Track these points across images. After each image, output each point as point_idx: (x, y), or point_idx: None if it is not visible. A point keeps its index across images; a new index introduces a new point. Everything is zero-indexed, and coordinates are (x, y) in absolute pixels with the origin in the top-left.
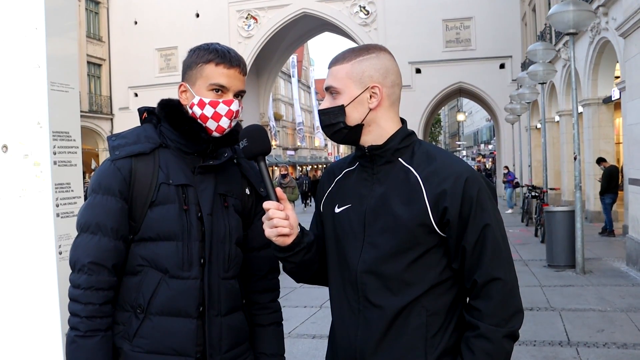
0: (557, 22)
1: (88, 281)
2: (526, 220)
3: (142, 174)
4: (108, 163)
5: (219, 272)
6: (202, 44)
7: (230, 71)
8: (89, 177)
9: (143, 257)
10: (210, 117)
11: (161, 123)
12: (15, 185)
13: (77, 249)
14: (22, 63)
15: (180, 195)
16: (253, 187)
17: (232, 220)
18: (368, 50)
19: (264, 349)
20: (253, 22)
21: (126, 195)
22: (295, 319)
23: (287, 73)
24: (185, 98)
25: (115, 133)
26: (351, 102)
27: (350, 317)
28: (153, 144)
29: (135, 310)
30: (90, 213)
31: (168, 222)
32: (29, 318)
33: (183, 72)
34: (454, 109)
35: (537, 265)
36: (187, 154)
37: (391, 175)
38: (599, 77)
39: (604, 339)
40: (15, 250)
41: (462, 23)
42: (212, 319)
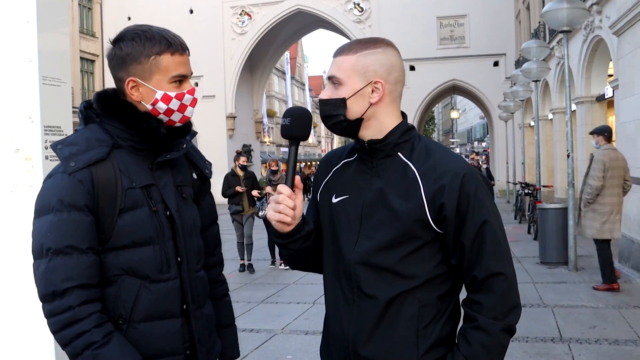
0: (551, 19)
1: (80, 297)
2: (519, 217)
3: (104, 183)
4: (65, 177)
5: (193, 266)
6: (136, 30)
7: (184, 57)
8: None
9: (117, 266)
10: (177, 110)
11: (104, 120)
12: (6, 180)
13: (52, 275)
14: (13, 57)
15: (146, 196)
16: (199, 170)
17: (193, 211)
18: (375, 44)
19: (220, 321)
20: (247, 19)
21: (92, 208)
22: (288, 315)
23: (281, 70)
24: (138, 94)
25: (59, 140)
26: (353, 95)
27: (344, 307)
28: (107, 147)
29: (117, 322)
30: (58, 234)
31: (142, 227)
32: (20, 312)
33: (123, 66)
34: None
35: (530, 262)
36: (141, 151)
37: (390, 170)
38: (593, 75)
39: (596, 335)
40: (7, 245)
41: (457, 20)
42: (195, 313)
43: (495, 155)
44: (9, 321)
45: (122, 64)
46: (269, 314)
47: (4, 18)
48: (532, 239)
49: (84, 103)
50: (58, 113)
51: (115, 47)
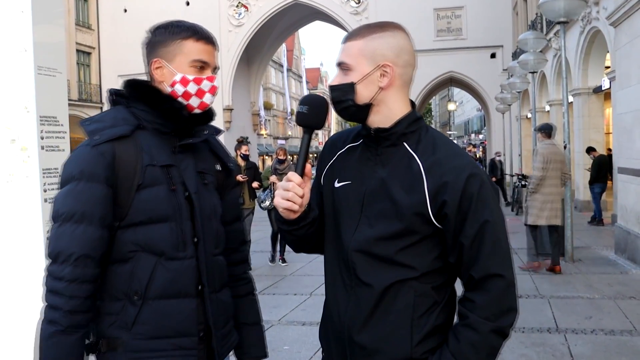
0: (548, 10)
1: (73, 273)
2: (516, 209)
3: (125, 158)
4: (87, 148)
5: (211, 250)
6: (170, 21)
7: (209, 47)
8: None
9: (134, 242)
10: (194, 94)
11: (132, 104)
12: (2, 170)
13: (59, 240)
14: (8, 46)
15: (166, 175)
16: (223, 162)
17: (214, 198)
18: (383, 27)
19: (244, 319)
20: (244, 11)
21: (111, 181)
22: (285, 306)
23: (278, 62)
24: (161, 74)
25: (89, 117)
26: (362, 80)
27: (342, 293)
28: (131, 126)
29: (132, 298)
30: (72, 201)
31: (159, 204)
32: (16, 303)
33: (153, 49)
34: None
35: (526, 254)
36: (164, 134)
37: (394, 160)
38: (590, 67)
39: (591, 326)
40: (3, 235)
41: (454, 12)
42: (210, 296)
43: (492, 147)
44: (5, 308)
45: (152, 48)
46: (266, 305)
47: (0, 8)
48: None
49: (113, 89)
50: (54, 103)
51: (151, 34)
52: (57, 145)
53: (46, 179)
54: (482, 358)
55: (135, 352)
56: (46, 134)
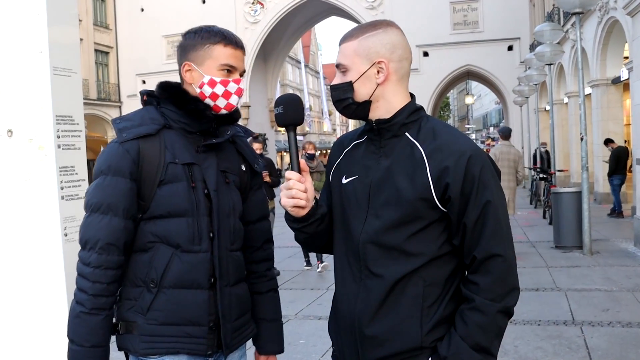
0: (563, 2)
1: (98, 260)
2: (534, 202)
3: (149, 155)
4: (116, 145)
5: (226, 245)
6: (201, 26)
7: (237, 52)
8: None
9: (154, 233)
10: (221, 95)
11: (162, 104)
12: (20, 169)
13: (87, 228)
14: (25, 48)
15: (187, 173)
16: (248, 163)
17: (234, 196)
18: (375, 26)
19: (264, 315)
20: (259, 8)
21: (136, 176)
22: (301, 301)
23: (295, 58)
24: (190, 77)
25: (120, 116)
26: (359, 78)
27: (351, 285)
28: (158, 125)
29: (148, 285)
30: (100, 194)
31: (178, 200)
32: (35, 299)
33: (184, 53)
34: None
35: (544, 247)
36: (190, 134)
37: (397, 149)
38: (608, 57)
39: (608, 318)
40: (22, 233)
41: (470, 5)
42: (223, 289)
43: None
44: (26, 305)
45: (183, 51)
46: (283, 300)
47: (15, 11)
48: (548, 224)
49: (145, 90)
50: (69, 103)
51: (183, 38)
52: (73, 143)
53: (63, 177)
54: (491, 339)
55: (148, 336)
56: (62, 132)
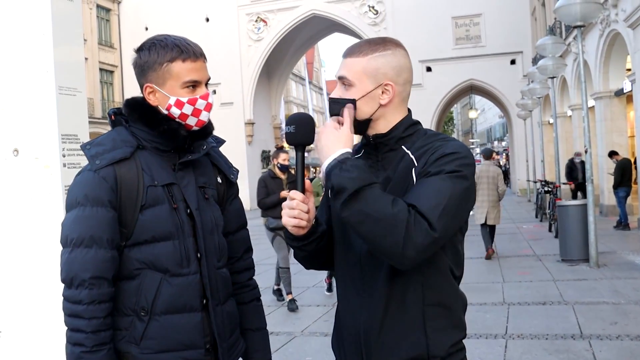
0: (564, 15)
1: (90, 295)
2: (540, 215)
3: (127, 180)
4: (90, 173)
5: (214, 263)
6: (153, 40)
7: (197, 64)
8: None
9: (140, 260)
10: (190, 115)
11: (131, 124)
12: (26, 187)
13: (72, 264)
14: (30, 68)
15: (167, 194)
16: (224, 174)
17: (215, 211)
18: (385, 45)
19: (249, 325)
20: (263, 25)
21: (115, 204)
22: (308, 318)
23: (299, 75)
24: (155, 99)
25: (88, 141)
26: (363, 97)
27: (354, 298)
28: (131, 147)
29: (139, 314)
30: (81, 226)
31: (162, 223)
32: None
33: (143, 73)
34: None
35: (551, 260)
36: (164, 152)
37: (394, 163)
38: (610, 70)
39: (617, 332)
40: (27, 252)
41: (472, 20)
42: (215, 308)
43: (515, 153)
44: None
45: (141, 71)
46: (288, 316)
47: (22, 31)
48: (553, 237)
49: (113, 109)
50: (74, 122)
51: (137, 55)
52: (78, 162)
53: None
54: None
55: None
56: (68, 151)
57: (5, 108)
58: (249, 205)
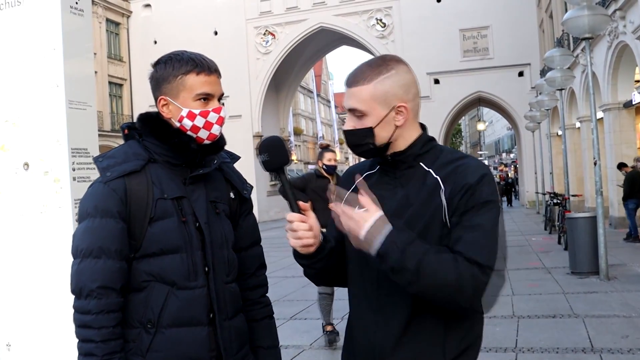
0: (572, 27)
1: (98, 305)
2: (549, 228)
3: (136, 192)
4: (101, 185)
5: (222, 278)
6: (170, 55)
7: (211, 78)
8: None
9: (148, 272)
10: (202, 127)
11: (144, 138)
12: (36, 201)
13: (81, 275)
14: (41, 82)
15: (177, 207)
16: (237, 189)
17: (225, 226)
18: (387, 66)
19: (260, 343)
20: (271, 38)
21: (124, 215)
22: (317, 331)
23: (307, 88)
24: (168, 112)
25: (101, 154)
26: (379, 124)
27: (369, 315)
28: (142, 160)
29: (146, 326)
30: (90, 237)
31: (170, 236)
32: (50, 329)
33: (157, 86)
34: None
35: (560, 273)
36: (175, 166)
37: (413, 179)
38: (619, 82)
39: (628, 345)
40: (38, 265)
41: (479, 32)
42: (222, 323)
43: (523, 165)
44: (39, 332)
45: (156, 84)
46: (297, 330)
47: (33, 46)
48: (563, 249)
49: (126, 123)
50: (84, 135)
51: (154, 69)
52: (88, 176)
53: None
54: (435, 273)
55: None
56: (77, 165)
57: (15, 122)
58: (257, 218)
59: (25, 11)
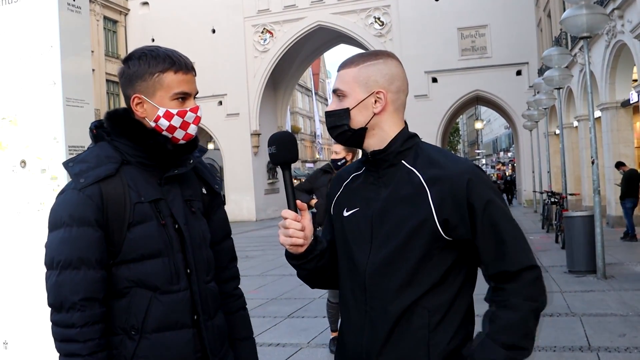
0: (570, 26)
1: (83, 318)
2: (546, 226)
3: (113, 197)
4: (75, 192)
5: (203, 278)
6: (143, 49)
7: (188, 76)
8: None
9: (128, 278)
10: (179, 127)
11: (114, 138)
12: (33, 199)
13: (61, 287)
14: (38, 80)
15: (155, 210)
16: (208, 184)
17: (202, 225)
18: (376, 55)
19: (236, 335)
20: (269, 36)
21: (102, 222)
22: (314, 329)
23: (304, 86)
24: (143, 111)
25: (71, 158)
26: (356, 106)
27: (357, 318)
28: (116, 163)
29: (129, 332)
30: (69, 248)
31: (151, 240)
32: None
33: (130, 83)
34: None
35: (558, 272)
36: (149, 167)
37: (395, 178)
38: (617, 81)
39: (625, 344)
40: (34, 263)
41: (478, 31)
42: (206, 324)
43: (521, 164)
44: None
45: (129, 81)
46: (295, 328)
47: (30, 43)
48: (560, 248)
49: (94, 122)
50: (82, 133)
51: (125, 65)
52: None
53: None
54: (519, 337)
55: None
56: None
57: (12, 120)
58: (254, 217)
59: (22, 8)
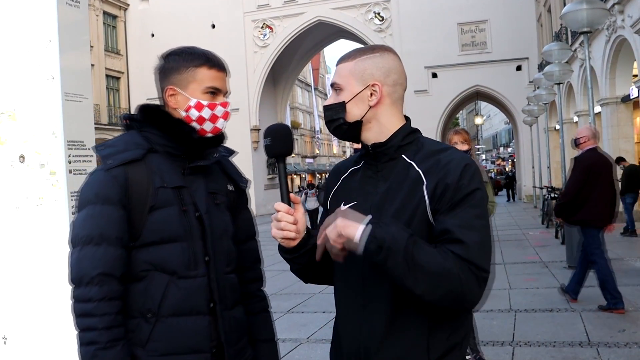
0: (570, 21)
1: (100, 292)
2: (546, 222)
3: (137, 181)
4: (102, 173)
5: (222, 268)
6: (182, 48)
7: (221, 74)
8: None
9: (147, 261)
10: (208, 119)
11: (144, 128)
12: (32, 194)
13: (81, 262)
14: (37, 75)
15: (177, 197)
16: (235, 182)
17: (225, 217)
18: (373, 49)
19: (258, 336)
20: (268, 32)
21: (125, 203)
22: (313, 324)
23: (304, 81)
24: (175, 102)
25: (102, 142)
26: (352, 99)
27: (354, 312)
28: (143, 150)
29: (145, 315)
30: (90, 225)
31: (171, 225)
32: (47, 322)
33: (166, 76)
34: (472, 113)
35: (557, 267)
36: (175, 156)
37: (394, 172)
38: (617, 76)
39: (625, 339)
40: (34, 258)
41: (478, 26)
42: (222, 313)
43: (521, 160)
44: (35, 327)
45: (165, 74)
46: (294, 323)
47: (29, 38)
48: (560, 244)
49: (126, 114)
50: (80, 128)
51: (163, 61)
52: (84, 168)
53: (74, 202)
54: (428, 267)
55: None
56: (74, 158)
57: (11, 114)
58: (254, 212)
59: (21, 2)
